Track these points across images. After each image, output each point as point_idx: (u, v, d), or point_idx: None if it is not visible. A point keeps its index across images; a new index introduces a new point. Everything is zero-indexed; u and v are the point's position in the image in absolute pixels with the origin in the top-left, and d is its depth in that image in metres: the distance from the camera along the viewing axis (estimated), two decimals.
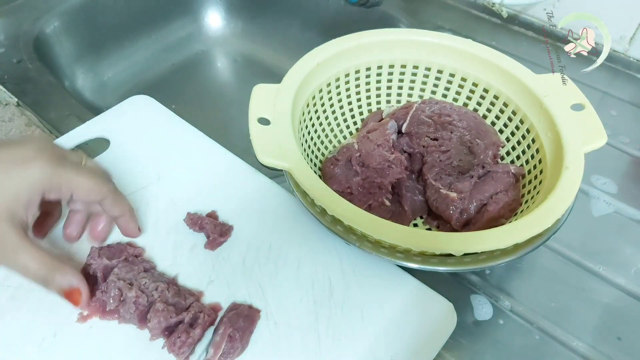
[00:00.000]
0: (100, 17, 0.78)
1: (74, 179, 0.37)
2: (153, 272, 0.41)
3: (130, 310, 0.38)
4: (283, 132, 0.43)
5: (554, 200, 0.39)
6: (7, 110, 0.60)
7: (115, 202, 0.41)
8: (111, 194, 0.40)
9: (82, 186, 0.38)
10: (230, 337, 0.37)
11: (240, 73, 0.89)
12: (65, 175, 0.37)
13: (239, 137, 0.53)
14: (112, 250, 0.42)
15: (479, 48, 0.52)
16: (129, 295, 0.38)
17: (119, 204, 0.41)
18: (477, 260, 0.38)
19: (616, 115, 0.62)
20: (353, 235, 0.39)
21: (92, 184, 0.38)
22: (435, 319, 0.41)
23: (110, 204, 0.40)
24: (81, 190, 0.38)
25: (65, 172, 0.37)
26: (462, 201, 0.45)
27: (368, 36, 0.52)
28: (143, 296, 0.38)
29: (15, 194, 0.35)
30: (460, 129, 0.50)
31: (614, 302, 0.45)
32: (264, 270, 0.43)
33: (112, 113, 0.57)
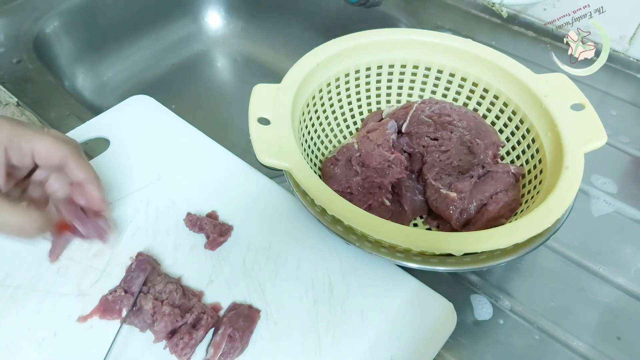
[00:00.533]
0: (100, 17, 0.78)
1: (34, 137, 0.36)
2: (159, 271, 0.42)
3: (145, 319, 0.38)
4: (283, 132, 0.43)
5: (554, 200, 0.39)
6: (7, 110, 0.60)
7: (79, 165, 0.39)
8: (73, 155, 0.38)
9: (42, 145, 0.37)
10: (230, 337, 0.37)
11: (240, 73, 0.89)
12: (25, 134, 0.36)
13: (239, 137, 0.53)
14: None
15: (479, 48, 0.52)
16: (146, 307, 0.38)
17: (83, 168, 0.39)
18: (477, 260, 0.38)
19: (616, 115, 0.62)
20: (353, 235, 0.39)
21: (53, 144, 0.37)
22: (435, 319, 0.41)
23: (74, 167, 0.38)
24: (42, 149, 0.37)
25: (25, 131, 0.36)
26: (462, 201, 0.45)
27: (368, 36, 0.52)
28: (158, 305, 0.38)
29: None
30: (460, 128, 0.50)
31: (614, 302, 0.45)
32: (264, 270, 0.43)
33: (112, 113, 0.57)
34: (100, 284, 0.41)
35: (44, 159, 0.38)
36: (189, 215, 0.45)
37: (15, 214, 0.35)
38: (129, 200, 0.47)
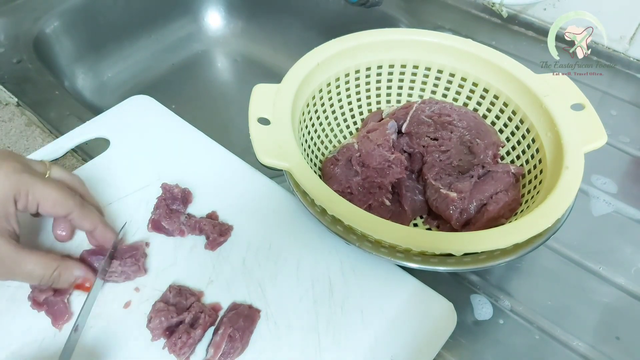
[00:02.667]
0: (100, 17, 0.78)
1: (40, 189, 0.36)
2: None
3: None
4: (283, 132, 0.43)
5: (554, 200, 0.39)
6: (7, 110, 0.60)
7: (83, 216, 0.39)
8: (77, 207, 0.38)
9: (47, 198, 0.36)
10: (230, 337, 0.37)
11: (240, 73, 0.89)
12: (31, 183, 0.36)
13: (239, 137, 0.53)
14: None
15: (479, 48, 0.52)
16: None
17: (87, 218, 0.39)
18: (477, 260, 0.38)
19: (616, 115, 0.62)
20: (353, 235, 0.39)
21: (58, 197, 0.37)
22: (435, 319, 0.41)
23: (79, 218, 0.39)
24: (47, 202, 0.37)
25: (31, 181, 0.36)
26: (462, 201, 0.45)
27: (368, 36, 0.52)
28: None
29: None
30: (460, 128, 0.50)
31: (614, 302, 0.45)
32: (264, 270, 0.43)
33: (112, 113, 0.57)
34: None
35: (48, 212, 0.38)
36: (189, 218, 0.45)
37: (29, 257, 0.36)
38: (128, 200, 0.47)
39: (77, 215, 0.38)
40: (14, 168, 0.35)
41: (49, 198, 0.36)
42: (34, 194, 0.36)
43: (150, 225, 0.45)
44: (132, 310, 0.40)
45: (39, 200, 0.36)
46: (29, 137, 0.57)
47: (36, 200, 0.36)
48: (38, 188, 0.36)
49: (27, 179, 0.36)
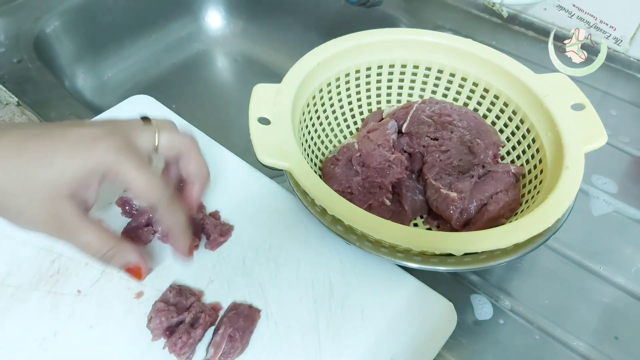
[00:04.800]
0: (100, 16, 0.78)
1: (131, 174, 0.35)
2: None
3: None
4: (283, 132, 0.43)
5: (554, 200, 0.39)
6: (7, 110, 0.60)
7: (167, 212, 0.37)
8: (164, 201, 0.36)
9: (136, 185, 0.35)
10: (231, 337, 0.37)
11: (241, 73, 0.89)
12: (125, 166, 0.35)
13: (239, 137, 0.53)
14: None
15: (480, 48, 0.52)
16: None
17: (170, 216, 0.37)
18: (477, 260, 0.38)
19: (616, 115, 0.62)
20: (353, 235, 0.39)
21: (147, 186, 0.35)
22: (435, 319, 0.41)
23: (162, 213, 0.37)
24: (134, 188, 0.35)
25: (126, 163, 0.35)
26: (462, 201, 0.45)
27: (368, 36, 0.52)
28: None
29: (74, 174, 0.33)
30: (460, 128, 0.50)
31: (614, 302, 0.45)
32: (264, 270, 0.43)
33: (113, 113, 0.57)
34: (101, 284, 0.41)
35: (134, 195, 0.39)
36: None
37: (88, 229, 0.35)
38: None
39: (163, 209, 0.37)
40: (116, 145, 0.34)
41: (136, 187, 0.35)
42: (124, 177, 0.35)
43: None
44: (132, 310, 0.40)
45: (126, 185, 0.35)
46: None
47: (124, 183, 0.35)
48: (130, 174, 0.35)
49: (124, 160, 0.34)
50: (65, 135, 0.34)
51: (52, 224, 0.34)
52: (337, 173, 0.48)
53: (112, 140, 0.34)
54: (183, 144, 0.39)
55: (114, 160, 0.34)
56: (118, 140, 0.35)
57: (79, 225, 0.35)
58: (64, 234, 0.35)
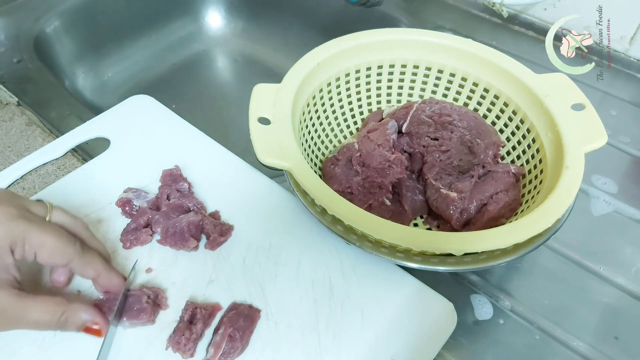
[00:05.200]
0: (100, 16, 0.78)
1: (36, 237, 0.33)
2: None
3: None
4: (283, 132, 0.43)
5: (554, 200, 0.39)
6: (7, 109, 0.60)
7: (84, 263, 0.36)
8: (77, 255, 0.35)
9: (44, 246, 0.34)
10: (231, 337, 0.37)
11: (241, 73, 0.89)
12: (27, 230, 0.33)
13: (239, 137, 0.53)
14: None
15: (480, 48, 0.52)
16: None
17: (88, 265, 0.37)
18: (477, 260, 0.38)
19: (616, 115, 0.62)
20: (353, 235, 0.39)
21: (56, 245, 0.34)
22: (435, 319, 0.41)
23: (79, 267, 0.36)
24: (44, 251, 0.34)
25: (28, 228, 0.33)
26: (462, 201, 0.45)
27: (368, 36, 0.52)
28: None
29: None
30: (460, 128, 0.50)
31: (614, 302, 0.45)
32: (264, 270, 0.43)
33: (113, 113, 0.57)
34: None
35: (46, 261, 0.35)
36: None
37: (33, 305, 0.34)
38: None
39: (77, 263, 0.36)
40: (10, 214, 0.33)
41: (46, 247, 0.34)
42: (30, 242, 0.33)
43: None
44: None
45: (35, 249, 0.34)
46: (30, 136, 0.57)
47: (33, 249, 0.34)
48: (35, 236, 0.33)
49: (24, 227, 0.33)
50: None
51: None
52: (337, 173, 0.48)
53: (5, 211, 0.33)
54: (74, 223, 0.38)
55: (13, 229, 0.33)
56: (10, 210, 0.33)
57: (20, 306, 0.33)
58: (8, 322, 0.33)
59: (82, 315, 0.36)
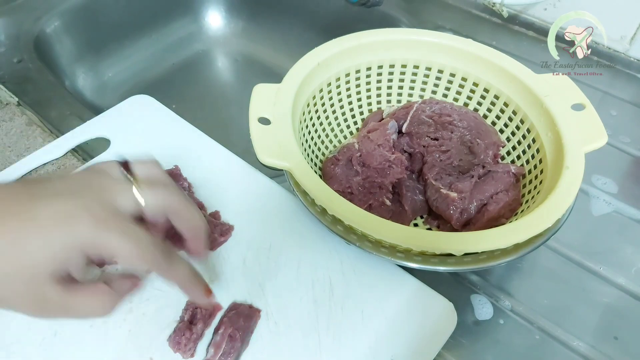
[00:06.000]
0: (101, 16, 0.78)
1: (117, 245, 0.32)
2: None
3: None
4: (283, 132, 0.43)
5: (554, 200, 0.39)
6: (7, 109, 0.60)
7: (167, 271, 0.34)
8: (158, 266, 0.33)
9: (123, 254, 0.32)
10: (231, 337, 0.37)
11: (241, 73, 0.89)
12: (108, 238, 0.32)
13: (239, 137, 0.53)
14: None
15: (480, 48, 0.52)
16: None
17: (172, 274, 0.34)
18: (477, 260, 0.38)
19: (616, 115, 0.62)
20: (353, 235, 0.39)
21: (135, 252, 0.32)
22: (435, 319, 0.41)
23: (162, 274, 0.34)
24: (122, 258, 0.33)
25: (109, 236, 0.32)
26: (462, 201, 0.45)
27: (368, 36, 0.52)
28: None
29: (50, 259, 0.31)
30: (460, 128, 0.50)
31: (614, 302, 0.45)
32: (264, 270, 0.43)
33: (113, 112, 0.57)
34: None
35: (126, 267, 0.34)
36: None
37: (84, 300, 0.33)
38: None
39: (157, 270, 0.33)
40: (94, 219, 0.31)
41: (125, 254, 0.32)
42: (107, 251, 0.32)
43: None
44: (133, 310, 0.40)
45: (114, 255, 0.32)
46: (30, 136, 0.57)
47: (111, 255, 0.32)
48: (112, 245, 0.32)
49: (103, 235, 0.32)
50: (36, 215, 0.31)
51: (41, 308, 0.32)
52: (337, 173, 0.48)
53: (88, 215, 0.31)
54: (169, 201, 0.36)
55: (92, 236, 0.31)
56: (95, 213, 0.32)
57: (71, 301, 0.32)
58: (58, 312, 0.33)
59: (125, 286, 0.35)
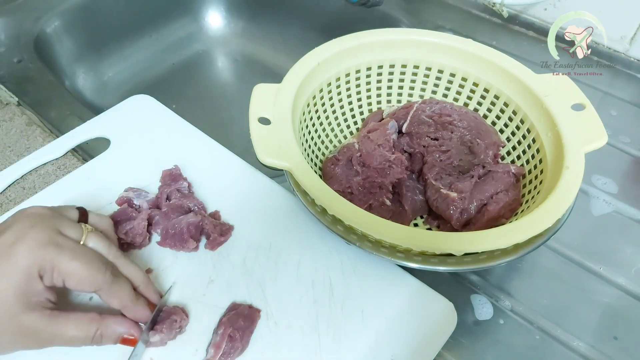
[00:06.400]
0: (101, 16, 0.78)
1: (65, 264, 0.33)
2: None
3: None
4: (283, 132, 0.43)
5: (554, 200, 0.39)
6: (7, 109, 0.60)
7: (111, 294, 0.35)
8: (106, 285, 0.34)
9: (73, 274, 0.33)
10: (231, 337, 0.37)
11: (241, 73, 0.89)
12: (56, 258, 0.33)
13: (240, 137, 0.53)
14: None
15: (480, 48, 0.52)
16: None
17: (115, 296, 0.35)
18: (477, 260, 0.38)
19: (616, 115, 0.62)
20: (353, 235, 0.39)
21: (85, 273, 0.33)
22: (435, 319, 0.41)
23: (106, 297, 0.35)
24: (72, 279, 0.33)
25: (57, 255, 0.33)
26: (462, 201, 0.45)
27: (369, 36, 0.52)
28: None
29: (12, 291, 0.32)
30: (460, 128, 0.50)
31: (614, 302, 0.45)
32: (264, 270, 0.43)
33: (113, 112, 0.57)
34: None
35: (74, 288, 0.35)
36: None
37: (67, 323, 0.33)
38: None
39: (105, 293, 0.35)
40: (40, 241, 0.32)
41: (75, 275, 0.33)
42: (59, 269, 0.33)
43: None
44: None
45: (64, 276, 0.33)
46: (30, 136, 0.57)
47: (61, 276, 0.33)
48: (64, 263, 0.33)
49: (53, 254, 0.32)
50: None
51: (30, 340, 0.33)
52: (337, 173, 0.48)
53: (33, 237, 0.32)
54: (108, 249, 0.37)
55: (41, 255, 0.32)
56: (41, 236, 0.33)
57: (54, 327, 0.33)
58: (45, 342, 0.33)
59: (116, 329, 0.35)
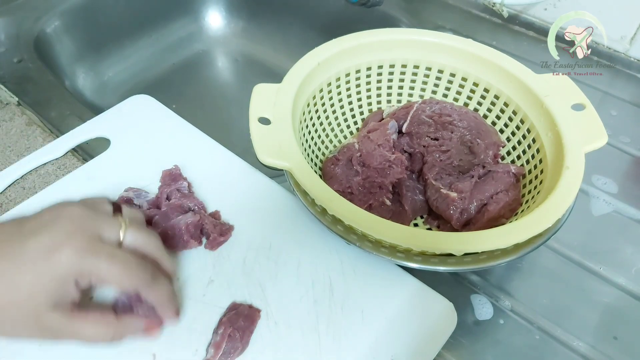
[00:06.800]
0: (101, 16, 0.78)
1: (104, 269, 0.33)
2: None
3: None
4: (283, 132, 0.43)
5: (554, 200, 0.39)
6: (7, 109, 0.60)
7: (149, 292, 0.36)
8: (144, 284, 0.35)
9: (112, 277, 0.34)
10: (231, 337, 0.37)
11: (241, 73, 0.89)
12: (95, 264, 0.33)
13: (240, 137, 0.53)
14: None
15: (480, 48, 0.52)
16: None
17: (156, 293, 0.36)
18: (477, 260, 0.38)
19: (616, 115, 0.62)
20: (353, 234, 0.39)
21: (124, 275, 0.34)
22: (435, 319, 0.41)
23: (147, 293, 0.36)
24: (112, 282, 0.34)
25: (95, 261, 0.33)
26: (462, 201, 0.45)
27: (369, 36, 0.52)
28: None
29: (45, 292, 0.32)
30: (460, 128, 0.50)
31: (614, 302, 0.45)
32: (264, 269, 0.43)
33: (113, 112, 0.57)
34: None
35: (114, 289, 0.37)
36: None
37: (86, 324, 0.34)
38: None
39: (145, 291, 0.36)
40: (80, 249, 0.33)
41: (113, 279, 0.34)
42: (98, 275, 0.33)
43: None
44: None
45: (103, 280, 0.34)
46: (30, 136, 0.57)
47: (100, 280, 0.34)
48: (103, 269, 0.33)
49: (91, 261, 0.33)
50: (25, 250, 0.32)
51: (48, 334, 0.33)
52: (337, 173, 0.48)
53: (73, 245, 0.33)
54: (146, 244, 0.37)
55: (80, 264, 0.33)
56: (80, 242, 0.33)
57: (73, 326, 0.33)
58: (64, 336, 0.34)
59: (135, 324, 0.36)
